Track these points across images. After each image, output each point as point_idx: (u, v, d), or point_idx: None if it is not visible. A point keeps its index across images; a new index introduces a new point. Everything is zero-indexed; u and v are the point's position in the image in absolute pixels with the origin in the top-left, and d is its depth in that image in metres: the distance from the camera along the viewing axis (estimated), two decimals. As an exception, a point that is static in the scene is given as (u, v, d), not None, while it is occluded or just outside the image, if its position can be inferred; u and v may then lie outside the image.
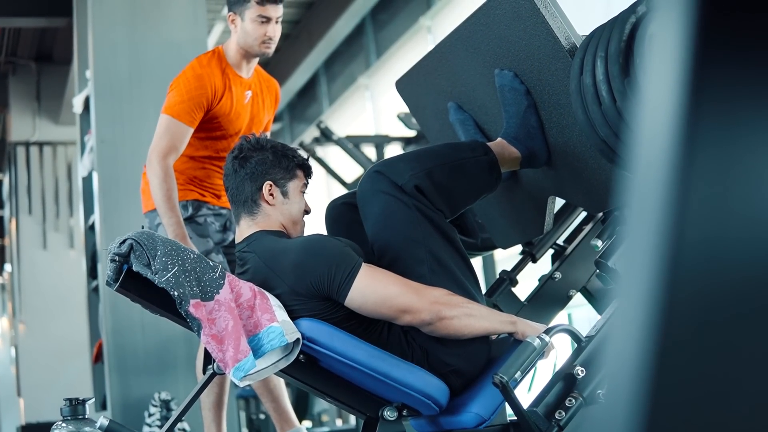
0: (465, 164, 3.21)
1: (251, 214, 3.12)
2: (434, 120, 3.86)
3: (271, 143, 3.19)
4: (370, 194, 3.12)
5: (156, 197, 4.05)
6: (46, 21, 10.86)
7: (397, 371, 2.84)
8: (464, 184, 3.22)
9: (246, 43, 4.23)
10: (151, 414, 5.93)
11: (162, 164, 4.06)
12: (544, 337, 2.75)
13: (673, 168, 0.76)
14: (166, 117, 4.14)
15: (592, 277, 3.70)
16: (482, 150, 3.27)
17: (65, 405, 2.97)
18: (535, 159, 3.34)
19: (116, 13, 6.78)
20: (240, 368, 2.69)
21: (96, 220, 6.72)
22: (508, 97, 3.30)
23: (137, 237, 2.81)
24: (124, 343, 6.27)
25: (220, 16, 11.26)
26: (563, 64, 3.05)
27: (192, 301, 2.73)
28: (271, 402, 4.22)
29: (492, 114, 3.49)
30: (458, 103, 3.64)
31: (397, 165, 3.13)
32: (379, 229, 3.10)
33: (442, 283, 2.99)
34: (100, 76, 6.69)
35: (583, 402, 2.75)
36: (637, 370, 0.76)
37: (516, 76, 3.27)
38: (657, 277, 0.76)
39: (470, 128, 3.59)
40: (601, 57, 2.73)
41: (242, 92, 4.29)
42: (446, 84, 3.67)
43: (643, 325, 0.76)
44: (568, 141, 3.20)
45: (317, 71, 13.25)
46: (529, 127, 3.29)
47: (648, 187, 0.78)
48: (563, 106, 3.15)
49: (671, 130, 0.77)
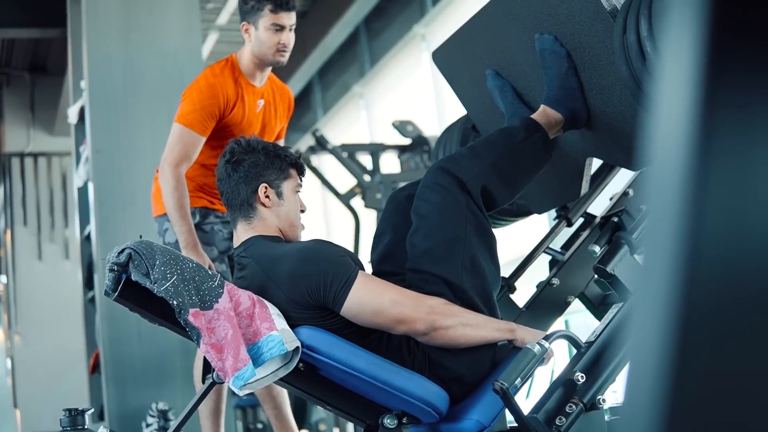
0: (523, 147, 3.27)
1: (247, 218, 3.12)
2: (471, 88, 3.89)
3: (262, 144, 3.19)
4: (433, 188, 3.16)
5: (168, 205, 4.05)
6: (40, 32, 10.85)
7: (397, 379, 2.83)
8: (526, 166, 3.29)
9: (260, 52, 4.22)
10: (148, 424, 5.92)
11: (174, 173, 4.06)
12: (544, 344, 2.74)
13: (690, 163, 0.76)
14: (179, 126, 4.14)
15: (590, 283, 3.70)
16: (534, 127, 3.31)
17: (65, 416, 2.96)
18: (576, 120, 3.38)
19: (111, 23, 6.78)
20: (240, 377, 2.69)
21: (92, 230, 6.72)
22: (548, 60, 3.35)
23: (136, 246, 2.80)
24: (121, 354, 6.27)
25: (214, 26, 11.26)
26: (604, 25, 3.08)
27: (191, 310, 2.72)
28: (273, 409, 4.22)
29: (531, 79, 3.53)
30: (496, 69, 3.66)
31: (461, 161, 3.17)
32: (429, 218, 3.13)
33: (469, 284, 3.02)
34: (95, 86, 6.69)
35: (583, 408, 2.75)
36: (657, 367, 0.76)
37: (556, 39, 3.31)
38: (676, 274, 0.76)
39: (508, 94, 3.63)
40: (644, 14, 2.76)
41: (254, 101, 4.30)
42: (484, 52, 3.70)
43: (662, 321, 0.76)
44: (608, 101, 3.24)
45: (311, 80, 13.26)
46: (570, 89, 3.33)
47: (666, 183, 0.78)
48: (603, 67, 3.19)
49: (688, 125, 0.77)
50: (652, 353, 0.76)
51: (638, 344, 0.79)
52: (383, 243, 3.36)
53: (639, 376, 0.78)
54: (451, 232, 3.07)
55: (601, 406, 2.79)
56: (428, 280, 3.03)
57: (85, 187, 7.25)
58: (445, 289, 3.00)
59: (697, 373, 0.77)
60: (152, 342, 6.25)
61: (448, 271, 3.01)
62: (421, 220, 3.15)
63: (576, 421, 2.74)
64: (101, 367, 6.41)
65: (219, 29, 11.34)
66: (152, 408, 5.97)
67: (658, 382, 0.75)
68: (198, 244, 4.02)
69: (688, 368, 0.76)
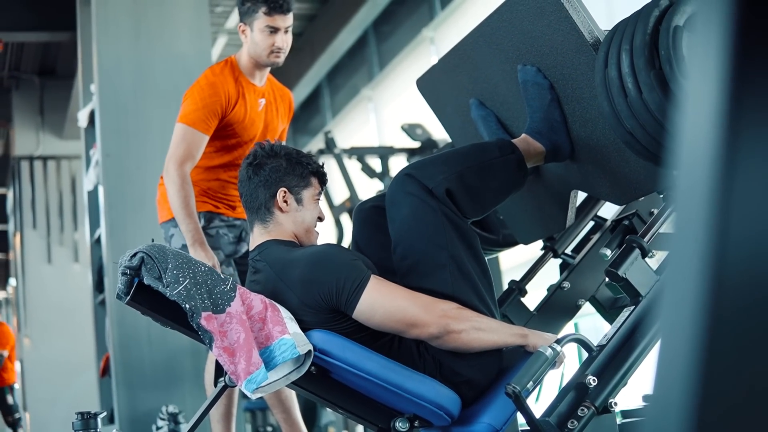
0: (494, 164, 3.21)
1: (264, 222, 3.12)
2: (455, 117, 3.87)
3: (285, 150, 3.18)
4: (399, 196, 3.11)
5: (173, 205, 4.06)
6: (49, 35, 10.89)
7: (409, 382, 2.83)
8: (494, 185, 3.22)
9: (256, 53, 4.25)
10: (159, 427, 5.93)
11: (179, 171, 4.07)
12: (556, 347, 2.74)
13: (717, 167, 0.76)
14: (182, 125, 4.16)
15: (600, 286, 3.70)
16: (509, 148, 3.26)
17: (77, 419, 2.97)
18: (559, 153, 3.34)
19: (120, 27, 6.80)
20: (252, 380, 2.69)
21: (102, 233, 6.73)
22: (531, 92, 3.31)
23: (148, 250, 2.81)
24: (131, 357, 6.28)
25: (224, 29, 11.28)
26: (587, 58, 3.06)
27: (203, 313, 2.73)
28: (282, 413, 4.22)
29: (514, 110, 3.50)
30: (480, 99, 3.65)
31: (427, 168, 3.12)
32: (405, 231, 3.08)
33: (462, 290, 2.98)
34: (105, 89, 6.71)
35: (595, 411, 2.75)
36: (686, 368, 0.76)
37: (539, 71, 3.28)
38: (704, 276, 0.76)
39: (492, 124, 3.59)
40: (626, 50, 2.75)
41: (256, 100, 4.31)
42: (468, 81, 3.68)
43: (691, 323, 0.76)
44: (592, 134, 3.22)
45: (320, 83, 13.26)
46: (553, 122, 3.30)
47: (692, 187, 0.78)
48: (586, 99, 3.16)
49: (714, 128, 0.77)
50: (681, 355, 0.76)
51: (667, 345, 0.79)
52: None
53: (668, 377, 0.78)
54: (430, 243, 3.03)
55: (613, 409, 2.79)
56: None
57: (95, 191, 7.26)
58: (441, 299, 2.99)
59: (726, 373, 0.77)
60: (162, 345, 6.26)
61: (437, 283, 2.98)
62: (397, 235, 3.11)
63: (588, 424, 2.74)
64: (111, 370, 6.42)
65: (228, 32, 11.37)
66: (162, 411, 5.97)
67: (687, 382, 0.75)
68: (205, 241, 4.03)
69: (717, 369, 0.77)
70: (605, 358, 2.85)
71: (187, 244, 4.01)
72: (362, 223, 3.38)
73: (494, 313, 3.07)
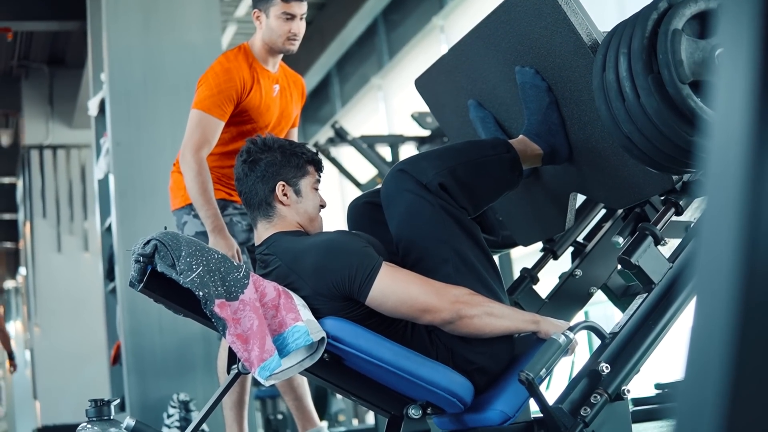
0: (487, 162, 3.20)
1: (267, 216, 3.12)
2: (454, 117, 3.86)
3: (278, 143, 3.17)
4: (395, 193, 3.11)
5: (191, 191, 4.05)
6: (59, 24, 10.89)
7: (422, 369, 2.84)
8: (487, 182, 3.21)
9: (271, 40, 4.24)
10: (170, 415, 5.94)
11: (196, 157, 4.06)
12: (569, 334, 2.75)
13: (748, 159, 0.76)
14: (197, 111, 4.15)
15: (612, 274, 3.70)
16: (504, 147, 3.26)
17: (90, 406, 2.98)
18: (556, 156, 3.33)
19: (130, 16, 6.80)
20: (265, 368, 2.69)
21: (112, 222, 6.74)
22: (529, 94, 3.30)
23: (161, 237, 2.81)
24: (142, 345, 6.29)
25: (233, 18, 11.27)
26: (585, 61, 3.05)
27: (217, 301, 2.73)
28: (293, 400, 4.22)
29: (512, 111, 3.49)
30: (478, 100, 3.65)
31: (420, 163, 3.11)
32: (404, 228, 3.09)
33: (467, 282, 2.98)
34: (115, 78, 6.71)
35: (608, 398, 2.76)
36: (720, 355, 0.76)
37: (537, 72, 3.27)
38: (736, 265, 0.76)
39: (490, 125, 3.59)
40: (623, 53, 2.74)
41: (270, 85, 4.31)
42: (466, 82, 3.67)
43: (724, 320, 0.76)
44: (590, 137, 3.21)
45: (330, 72, 13.25)
46: (551, 124, 3.29)
47: (724, 178, 0.78)
48: (585, 102, 3.15)
49: (746, 121, 0.77)
50: (716, 337, 0.76)
51: (700, 335, 0.79)
52: None
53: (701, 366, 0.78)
54: (432, 238, 3.04)
55: (625, 396, 2.79)
56: None
57: (105, 180, 7.27)
58: None
59: (759, 361, 0.77)
60: (173, 333, 6.27)
61: (442, 278, 2.97)
62: (397, 232, 3.12)
63: (601, 411, 2.75)
64: (122, 358, 6.43)
65: (237, 21, 11.36)
66: (173, 399, 5.99)
67: (721, 369, 0.76)
68: (225, 228, 4.02)
69: (750, 356, 0.77)
70: (618, 346, 2.85)
71: (207, 230, 4.01)
72: (357, 219, 3.38)
73: (503, 301, 3.07)
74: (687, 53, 2.64)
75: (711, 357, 0.76)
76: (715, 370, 0.76)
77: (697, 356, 0.79)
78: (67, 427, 9.93)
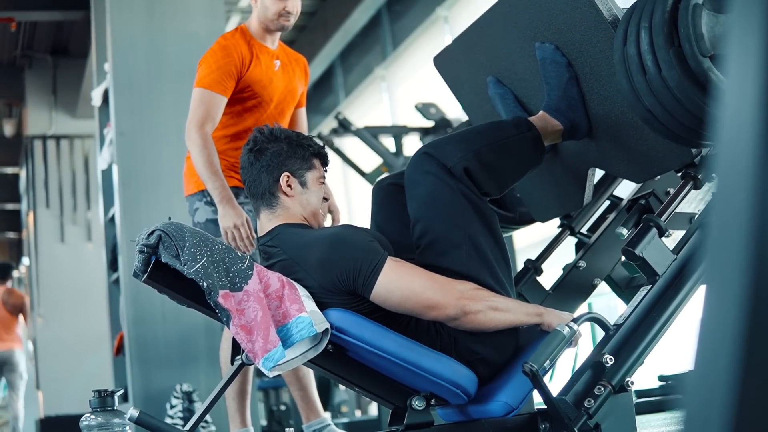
0: (511, 142, 3.22)
1: (270, 207, 3.11)
2: (473, 95, 3.87)
3: (285, 133, 3.18)
4: (418, 175, 3.12)
5: (198, 165, 4.05)
6: (62, 14, 10.87)
7: (426, 360, 2.84)
8: (512, 163, 3.23)
9: (266, 17, 4.32)
10: (173, 406, 5.95)
11: (200, 132, 4.08)
12: (573, 326, 2.75)
13: (759, 153, 0.76)
14: (198, 89, 4.19)
15: (616, 265, 3.70)
16: (526, 126, 3.27)
17: (94, 397, 2.98)
18: (576, 131, 3.34)
19: (134, 5, 6.79)
20: (269, 358, 2.69)
21: (116, 212, 6.74)
22: (549, 70, 3.31)
23: (166, 228, 2.81)
24: (145, 335, 6.29)
25: (237, 8, 11.25)
26: (605, 36, 3.06)
27: (221, 291, 2.73)
28: (299, 390, 4.22)
29: (532, 87, 3.50)
30: (497, 77, 3.65)
31: (444, 147, 3.12)
32: (423, 210, 3.10)
33: (477, 269, 2.99)
34: (119, 68, 6.71)
35: (612, 390, 2.75)
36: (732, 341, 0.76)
37: (557, 48, 3.28)
38: (747, 262, 0.76)
39: (509, 102, 3.60)
40: (645, 27, 2.75)
41: (270, 60, 4.36)
42: (485, 58, 3.68)
43: (734, 310, 0.76)
44: (610, 112, 3.22)
45: (333, 63, 13.23)
46: (571, 99, 3.30)
47: (734, 173, 0.77)
48: (605, 77, 3.16)
49: (756, 115, 0.76)
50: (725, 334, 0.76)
51: (710, 325, 0.79)
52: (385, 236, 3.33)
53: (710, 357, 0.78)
54: (448, 222, 3.05)
55: (629, 388, 2.79)
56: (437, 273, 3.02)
57: (109, 170, 7.26)
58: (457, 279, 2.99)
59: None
60: (176, 324, 6.27)
61: (453, 262, 2.99)
62: (416, 213, 3.13)
63: (605, 403, 2.75)
64: (125, 348, 6.43)
65: (241, 11, 11.34)
66: (176, 389, 5.99)
67: (731, 360, 0.75)
68: (233, 198, 4.01)
69: (761, 346, 0.76)
70: (622, 337, 2.85)
71: (216, 201, 4.01)
72: (382, 200, 3.39)
73: (510, 292, 3.07)
74: (707, 27, 2.65)
75: (721, 348, 0.76)
76: (725, 361, 0.75)
77: (706, 347, 0.79)
78: (70, 418, 9.93)
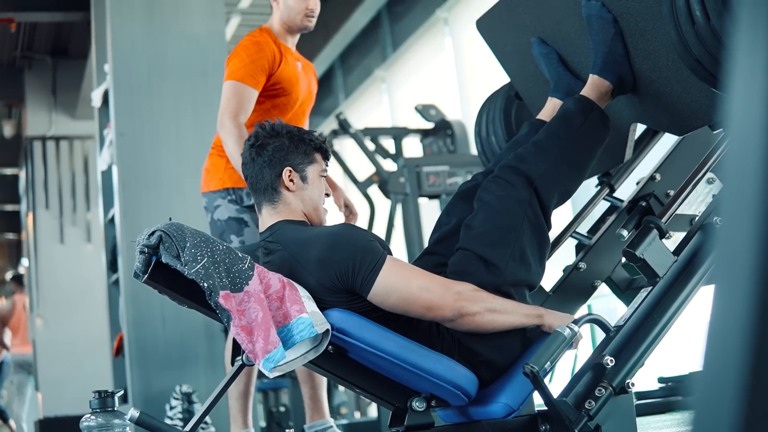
0: (584, 131, 3.31)
1: (272, 202, 3.12)
2: (516, 56, 3.94)
3: (286, 128, 3.18)
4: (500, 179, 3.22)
5: (233, 155, 4.02)
6: (62, 15, 10.86)
7: (427, 362, 2.83)
8: (590, 148, 3.33)
9: (289, 18, 4.36)
10: (172, 407, 5.95)
11: (235, 122, 4.10)
12: (574, 327, 2.75)
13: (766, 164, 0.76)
14: (231, 82, 4.20)
15: (617, 267, 3.70)
16: (589, 107, 3.36)
17: (94, 397, 2.98)
18: (623, 86, 3.41)
19: (134, 6, 6.80)
20: (270, 359, 2.69)
21: (116, 213, 6.74)
22: (595, 26, 3.38)
23: (166, 228, 2.81)
24: (145, 336, 6.29)
25: (236, 10, 11.25)
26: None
27: (222, 292, 2.73)
28: (309, 389, 4.20)
29: (576, 46, 3.57)
30: (542, 37, 3.69)
31: (528, 159, 3.23)
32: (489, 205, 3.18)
33: (514, 273, 3.05)
34: (119, 69, 6.71)
35: (613, 391, 2.75)
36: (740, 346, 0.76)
37: (603, 5, 3.34)
38: (757, 260, 0.76)
39: (554, 61, 3.69)
40: None
41: (294, 62, 4.41)
42: (529, 19, 3.74)
43: (744, 309, 0.76)
44: (654, 67, 3.27)
45: (333, 64, 13.23)
46: (616, 55, 3.37)
47: (744, 168, 0.77)
48: (650, 32, 3.22)
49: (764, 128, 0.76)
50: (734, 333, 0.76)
51: (719, 326, 0.79)
52: (444, 227, 3.39)
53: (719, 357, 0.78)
54: (507, 222, 3.11)
55: (630, 389, 2.79)
56: (472, 260, 3.05)
57: (108, 171, 7.27)
58: (484, 273, 3.01)
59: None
60: (176, 325, 6.27)
61: (495, 256, 3.05)
62: (481, 206, 3.20)
63: (605, 404, 2.75)
64: (125, 349, 6.43)
65: (241, 13, 11.34)
66: (176, 390, 5.99)
67: (740, 360, 0.75)
68: None
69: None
70: (623, 339, 2.85)
71: None
72: (460, 198, 3.45)
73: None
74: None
75: (730, 348, 0.76)
76: (734, 361, 0.75)
77: (715, 347, 0.79)
78: (69, 419, 9.92)
